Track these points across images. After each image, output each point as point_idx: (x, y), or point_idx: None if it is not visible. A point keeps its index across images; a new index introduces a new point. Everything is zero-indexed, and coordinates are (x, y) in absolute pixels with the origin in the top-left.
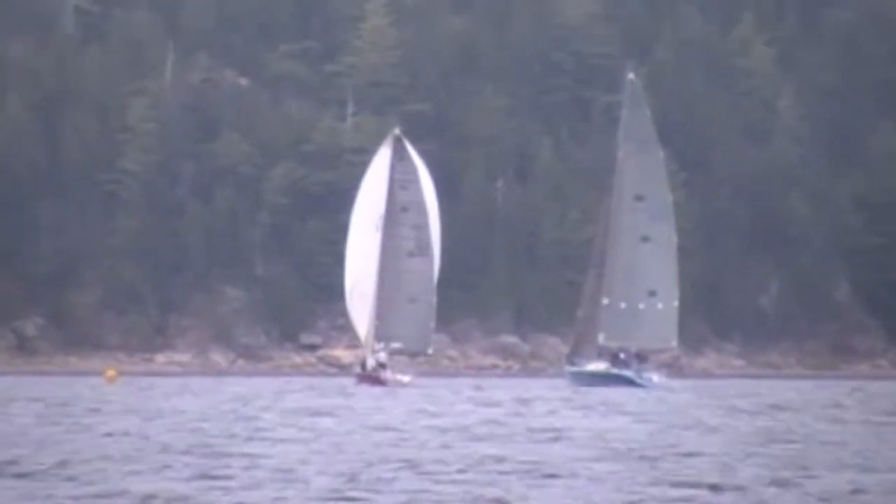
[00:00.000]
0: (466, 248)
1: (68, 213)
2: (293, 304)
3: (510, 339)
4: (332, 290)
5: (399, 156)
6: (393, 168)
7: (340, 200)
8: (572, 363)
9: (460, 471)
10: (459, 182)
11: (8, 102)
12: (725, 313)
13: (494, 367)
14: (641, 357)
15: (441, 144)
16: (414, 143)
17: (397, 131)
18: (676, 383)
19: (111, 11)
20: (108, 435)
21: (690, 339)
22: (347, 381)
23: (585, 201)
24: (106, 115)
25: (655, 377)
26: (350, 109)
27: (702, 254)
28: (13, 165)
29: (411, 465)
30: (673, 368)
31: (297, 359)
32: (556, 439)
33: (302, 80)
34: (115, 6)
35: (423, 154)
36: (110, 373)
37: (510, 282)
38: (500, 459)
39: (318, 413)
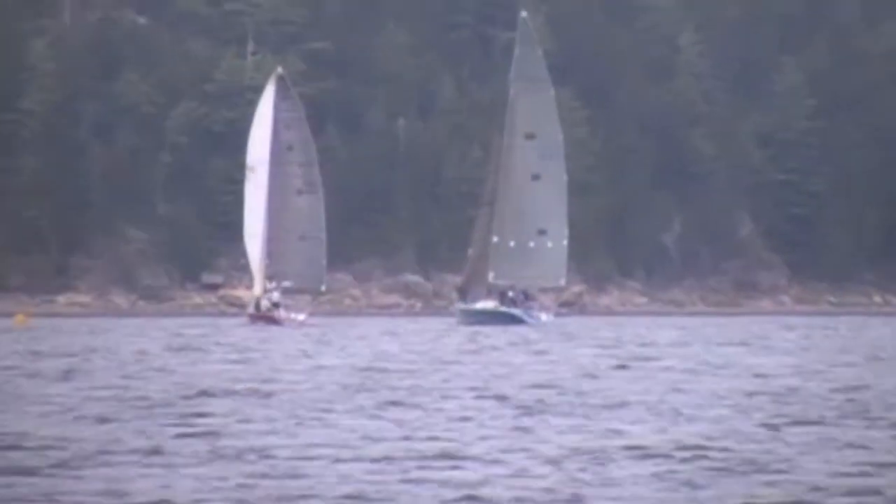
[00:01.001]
0: (368, 187)
1: None
2: (195, 244)
3: (413, 278)
4: (233, 229)
5: (282, 95)
6: (277, 108)
7: (242, 139)
8: (462, 301)
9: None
10: (361, 120)
11: None
12: (629, 250)
13: (397, 305)
14: (528, 296)
15: (343, 82)
16: (315, 81)
17: (280, 70)
18: (565, 321)
19: None
20: None
21: (593, 276)
22: (240, 321)
23: (486, 139)
24: (5, 55)
25: (544, 316)
26: (250, 48)
27: (605, 191)
28: None
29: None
30: (576, 306)
31: (199, 299)
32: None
33: (203, 19)
34: None
35: (325, 92)
36: (20, 317)
37: (413, 220)
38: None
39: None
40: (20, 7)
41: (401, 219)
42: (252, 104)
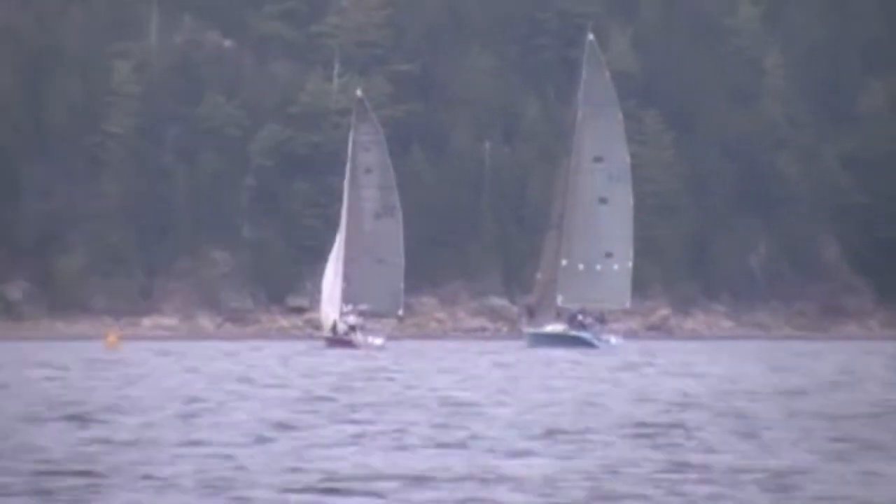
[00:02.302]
0: (454, 209)
1: (53, 177)
2: (280, 267)
3: (498, 301)
4: (318, 252)
5: (361, 117)
6: (356, 130)
7: (327, 162)
8: (531, 324)
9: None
10: (447, 143)
11: None
12: (714, 274)
13: (483, 329)
14: (601, 319)
15: (428, 105)
16: (401, 103)
17: (359, 93)
18: (633, 345)
19: None
20: None
21: (679, 299)
22: (318, 345)
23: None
24: (90, 78)
25: (613, 339)
26: (336, 70)
27: (690, 213)
28: None
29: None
30: (662, 329)
31: (284, 322)
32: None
33: (287, 41)
34: None
35: (410, 115)
36: (111, 338)
37: (498, 243)
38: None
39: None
40: (105, 30)
41: (486, 242)
42: (338, 127)
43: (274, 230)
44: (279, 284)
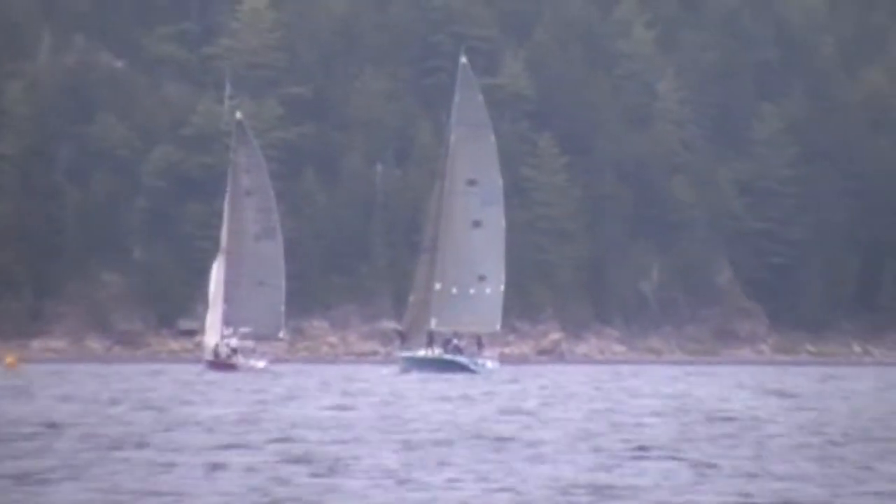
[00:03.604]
0: (346, 232)
1: None
2: (171, 290)
3: (390, 325)
4: (210, 275)
5: (241, 140)
6: (236, 152)
7: (218, 184)
8: (405, 348)
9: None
10: (339, 165)
11: None
12: (607, 298)
13: (374, 353)
14: (480, 343)
15: (320, 127)
16: (293, 126)
17: (238, 115)
18: (507, 370)
19: None
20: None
21: (572, 323)
22: (196, 369)
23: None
24: None
25: (490, 363)
26: (227, 92)
27: (583, 238)
28: None
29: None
30: (554, 354)
31: (175, 345)
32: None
33: (180, 63)
34: None
35: (303, 137)
36: (10, 359)
37: (390, 267)
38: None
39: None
40: None
41: (378, 265)
42: (229, 149)
43: (165, 252)
44: (170, 307)
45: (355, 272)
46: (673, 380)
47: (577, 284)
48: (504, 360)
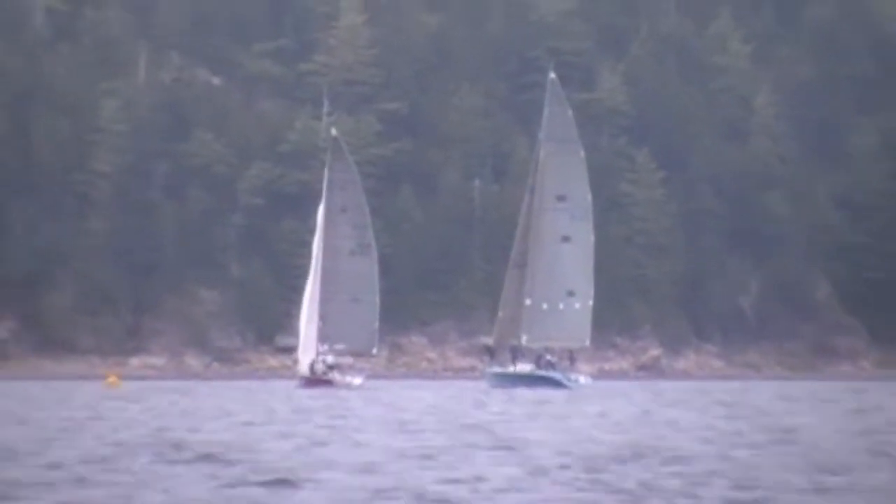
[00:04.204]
0: (443, 249)
1: (40, 214)
2: (268, 306)
3: (488, 340)
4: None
5: (336, 156)
6: (331, 169)
7: (315, 200)
8: (496, 364)
9: None
10: (436, 181)
11: None
12: (705, 313)
13: (473, 368)
14: (572, 359)
15: (416, 143)
16: (390, 142)
17: (334, 132)
18: (601, 385)
19: (82, 10)
20: None
21: (670, 339)
22: (291, 385)
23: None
24: (77, 116)
25: (583, 378)
26: (325, 108)
27: (681, 253)
28: None
29: None
30: (653, 370)
31: (273, 361)
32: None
33: (276, 79)
34: (86, 5)
35: (400, 153)
36: (112, 378)
37: (487, 282)
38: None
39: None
40: (93, 67)
41: (476, 280)
42: (325, 165)
43: (262, 269)
44: (267, 324)
45: (453, 288)
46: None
47: (674, 300)
48: (603, 375)
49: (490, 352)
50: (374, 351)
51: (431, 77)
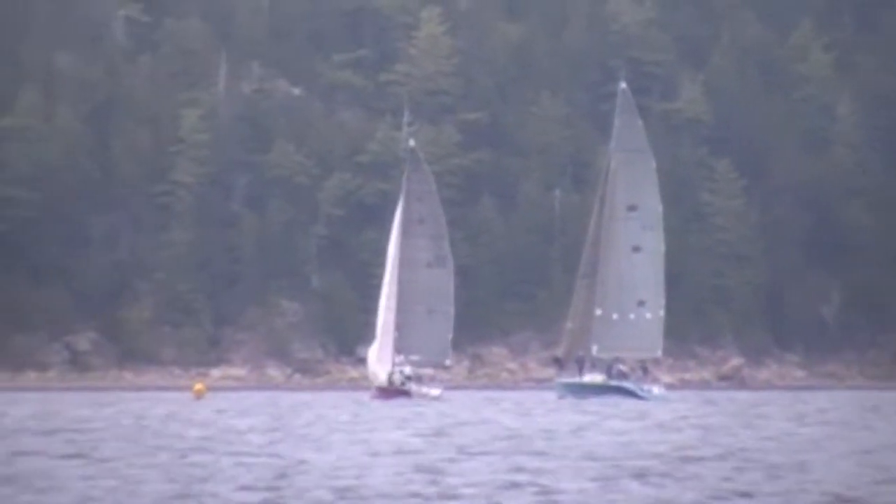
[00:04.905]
0: (524, 259)
1: (121, 226)
2: (349, 317)
3: (558, 352)
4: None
5: (413, 167)
6: (408, 180)
7: (396, 211)
8: (568, 375)
9: None
10: (516, 191)
11: (59, 114)
12: (786, 323)
13: (552, 379)
14: (645, 369)
15: (497, 154)
16: (470, 152)
17: (411, 143)
18: (675, 395)
19: (162, 21)
20: None
21: (752, 350)
22: (363, 396)
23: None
24: (158, 127)
25: (656, 389)
26: (405, 118)
27: (761, 263)
28: (65, 178)
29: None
30: (735, 380)
31: (354, 372)
32: None
33: (356, 89)
34: (165, 16)
35: (480, 163)
36: (199, 387)
37: (568, 292)
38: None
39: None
40: (173, 78)
41: (556, 291)
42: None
43: (343, 279)
44: (349, 335)
45: (534, 298)
46: None
47: (755, 309)
48: (682, 385)
49: (559, 363)
50: (448, 362)
51: (511, 87)
